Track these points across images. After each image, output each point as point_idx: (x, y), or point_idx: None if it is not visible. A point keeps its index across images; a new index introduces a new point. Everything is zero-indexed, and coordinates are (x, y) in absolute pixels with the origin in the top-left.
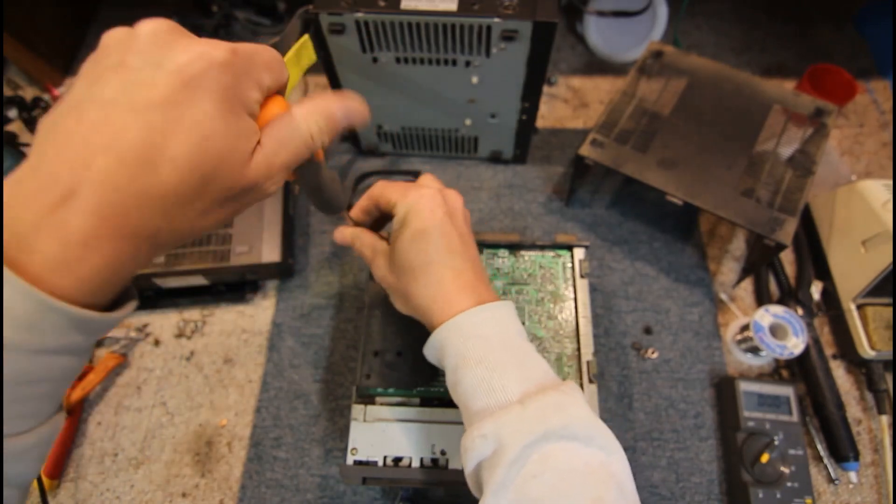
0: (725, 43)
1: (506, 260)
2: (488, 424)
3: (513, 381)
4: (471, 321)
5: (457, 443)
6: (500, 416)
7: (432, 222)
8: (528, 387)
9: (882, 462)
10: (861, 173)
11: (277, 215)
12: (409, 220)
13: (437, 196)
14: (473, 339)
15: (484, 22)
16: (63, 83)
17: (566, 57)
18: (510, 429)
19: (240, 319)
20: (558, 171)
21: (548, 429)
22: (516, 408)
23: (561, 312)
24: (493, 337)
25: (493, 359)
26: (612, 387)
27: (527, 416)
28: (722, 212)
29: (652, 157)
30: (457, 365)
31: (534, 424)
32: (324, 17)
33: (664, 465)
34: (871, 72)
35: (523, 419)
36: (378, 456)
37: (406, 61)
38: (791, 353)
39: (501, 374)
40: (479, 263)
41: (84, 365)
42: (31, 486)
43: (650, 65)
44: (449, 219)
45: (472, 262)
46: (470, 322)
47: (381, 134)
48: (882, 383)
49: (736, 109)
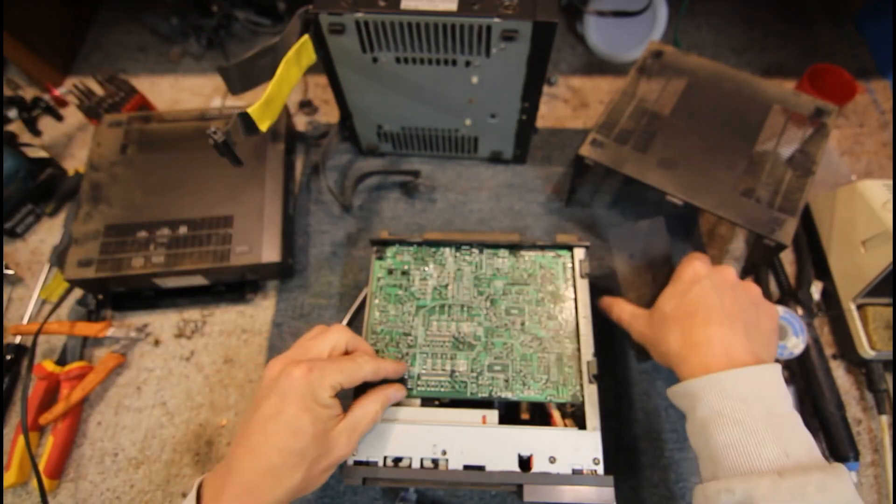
0: (725, 43)
1: (506, 260)
2: (738, 483)
3: (770, 451)
4: (733, 380)
5: (457, 443)
6: (752, 480)
7: (695, 279)
8: (786, 462)
9: (882, 462)
10: (861, 173)
11: (277, 215)
12: (677, 277)
13: (705, 263)
14: (733, 400)
15: (484, 22)
16: (63, 83)
17: (566, 57)
18: (763, 493)
19: (240, 319)
20: (558, 171)
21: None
22: (772, 476)
23: (561, 312)
24: (754, 401)
25: (751, 424)
26: (612, 387)
27: (784, 487)
28: (722, 212)
29: (652, 157)
30: (709, 419)
31: (790, 497)
32: (324, 17)
33: (664, 465)
34: (871, 72)
35: (779, 489)
36: (378, 456)
37: (406, 61)
38: (791, 353)
39: (759, 443)
40: (746, 327)
41: None
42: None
43: (650, 65)
44: (711, 280)
45: (734, 323)
46: (732, 381)
47: (381, 134)
48: (882, 383)
49: (736, 109)
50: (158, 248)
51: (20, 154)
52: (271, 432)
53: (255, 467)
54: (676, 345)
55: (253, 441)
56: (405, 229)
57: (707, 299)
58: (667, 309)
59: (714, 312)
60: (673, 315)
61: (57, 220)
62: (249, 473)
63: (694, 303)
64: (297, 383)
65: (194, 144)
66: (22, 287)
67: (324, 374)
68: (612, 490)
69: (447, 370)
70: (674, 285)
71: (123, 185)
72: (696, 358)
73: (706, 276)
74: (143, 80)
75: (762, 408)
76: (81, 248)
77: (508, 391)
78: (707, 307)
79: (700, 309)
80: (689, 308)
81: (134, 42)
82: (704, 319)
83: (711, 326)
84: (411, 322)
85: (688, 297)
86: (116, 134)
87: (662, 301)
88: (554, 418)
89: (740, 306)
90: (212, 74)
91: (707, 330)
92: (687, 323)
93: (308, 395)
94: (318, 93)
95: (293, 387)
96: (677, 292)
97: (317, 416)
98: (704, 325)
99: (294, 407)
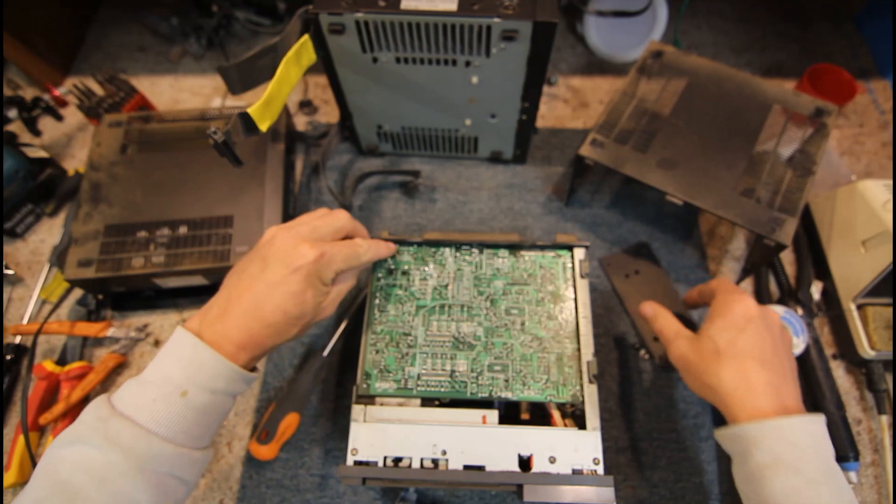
0: (725, 43)
1: (506, 260)
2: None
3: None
4: (791, 428)
5: (457, 443)
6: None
7: (749, 318)
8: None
9: (882, 462)
10: (861, 173)
11: (277, 215)
12: (729, 309)
13: (754, 301)
14: (792, 448)
15: (484, 22)
16: (63, 83)
17: (566, 57)
18: None
19: None
20: (558, 171)
21: None
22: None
23: (561, 313)
24: (811, 450)
25: (810, 473)
26: (612, 387)
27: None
28: (722, 212)
29: (652, 157)
30: (766, 465)
31: None
32: (324, 17)
33: (664, 465)
34: (871, 72)
35: None
36: (378, 456)
37: (406, 61)
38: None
39: (817, 493)
40: (791, 373)
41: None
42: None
43: (650, 65)
44: (764, 321)
45: (783, 368)
46: (790, 429)
47: (381, 134)
48: (882, 383)
49: (736, 109)
50: (158, 248)
51: (20, 154)
52: (278, 297)
53: (259, 319)
54: (731, 384)
55: (259, 298)
56: (405, 229)
57: (764, 342)
58: (720, 342)
59: (770, 356)
60: (728, 351)
61: (57, 220)
62: (251, 321)
63: (751, 343)
64: (307, 263)
65: (194, 144)
66: (22, 287)
67: (331, 261)
68: (612, 490)
69: (447, 370)
70: (725, 317)
71: (123, 185)
72: (752, 401)
73: (759, 317)
74: (143, 80)
75: (818, 458)
76: (81, 248)
77: (508, 391)
78: (764, 350)
79: (757, 350)
80: (746, 347)
81: (134, 42)
82: (762, 363)
83: (768, 371)
84: (411, 322)
85: (744, 335)
86: (116, 134)
87: (714, 332)
88: (554, 418)
89: (787, 353)
90: (212, 74)
91: (765, 374)
92: (745, 363)
93: (314, 275)
94: (318, 93)
95: (304, 266)
96: (731, 326)
97: (318, 292)
98: (762, 368)
99: (302, 282)
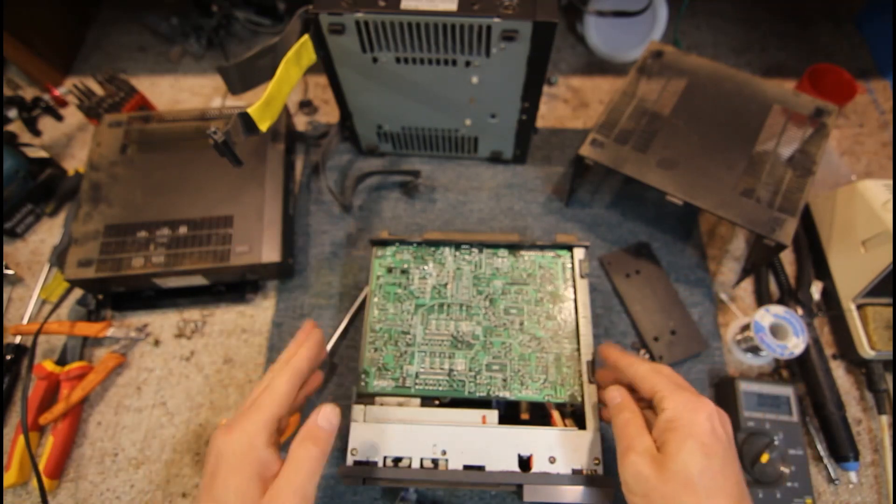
0: (725, 43)
1: (506, 260)
2: None
3: None
4: None
5: (457, 443)
6: None
7: (720, 445)
8: None
9: (882, 462)
10: (861, 173)
11: (277, 215)
12: (692, 430)
13: (719, 414)
14: None
15: (484, 22)
16: (63, 83)
17: (566, 57)
18: None
19: (240, 319)
20: (558, 171)
21: None
22: None
23: (560, 313)
24: None
25: None
26: None
27: None
28: (722, 212)
29: (652, 157)
30: None
31: None
32: (324, 17)
33: None
34: (871, 72)
35: None
36: (378, 456)
37: (406, 61)
38: (791, 353)
39: None
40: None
41: None
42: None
43: (650, 65)
44: (730, 439)
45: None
46: None
47: (381, 134)
48: (882, 383)
49: (736, 109)
50: (158, 248)
51: (20, 154)
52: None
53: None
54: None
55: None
56: (405, 229)
57: (736, 467)
58: (693, 470)
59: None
60: (702, 484)
61: (57, 220)
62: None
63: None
64: (221, 449)
65: (194, 144)
66: (22, 287)
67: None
68: (612, 490)
69: (445, 369)
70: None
71: (123, 185)
72: None
73: (726, 435)
74: (143, 80)
75: None
76: (81, 248)
77: (506, 391)
78: (738, 479)
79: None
80: (720, 481)
81: (134, 42)
82: (740, 496)
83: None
84: (410, 321)
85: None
86: (116, 134)
87: (687, 456)
88: (554, 418)
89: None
90: (212, 74)
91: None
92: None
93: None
94: (318, 93)
95: (220, 454)
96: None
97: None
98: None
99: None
